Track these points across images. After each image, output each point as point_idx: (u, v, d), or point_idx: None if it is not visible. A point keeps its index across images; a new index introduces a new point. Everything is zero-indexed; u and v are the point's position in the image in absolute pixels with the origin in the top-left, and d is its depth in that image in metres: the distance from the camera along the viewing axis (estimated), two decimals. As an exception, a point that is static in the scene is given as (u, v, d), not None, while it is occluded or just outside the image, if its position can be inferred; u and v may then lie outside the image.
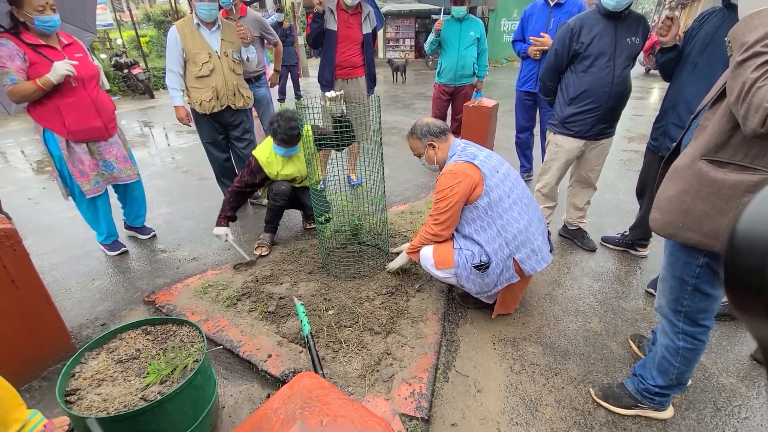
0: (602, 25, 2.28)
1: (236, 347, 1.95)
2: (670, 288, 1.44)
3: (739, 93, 1.04)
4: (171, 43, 2.87)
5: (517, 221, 1.91)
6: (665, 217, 1.33)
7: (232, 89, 3.03)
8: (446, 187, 1.90)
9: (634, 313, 2.30)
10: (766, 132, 1.01)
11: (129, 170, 2.76)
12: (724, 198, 1.18)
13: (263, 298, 2.26)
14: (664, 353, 1.54)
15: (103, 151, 2.60)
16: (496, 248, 1.92)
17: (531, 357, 2.00)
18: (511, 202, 1.92)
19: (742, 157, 1.14)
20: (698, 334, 1.45)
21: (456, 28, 3.87)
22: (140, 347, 1.56)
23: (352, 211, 2.81)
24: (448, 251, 2.02)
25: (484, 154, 1.98)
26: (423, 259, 2.11)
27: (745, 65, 1.03)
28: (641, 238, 2.78)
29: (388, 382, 1.77)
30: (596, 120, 2.44)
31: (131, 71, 9.04)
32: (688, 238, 1.28)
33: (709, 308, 1.41)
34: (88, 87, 2.43)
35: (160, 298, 2.34)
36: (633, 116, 6.79)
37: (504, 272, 1.95)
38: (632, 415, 1.69)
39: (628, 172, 4.35)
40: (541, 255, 1.96)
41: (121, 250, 2.92)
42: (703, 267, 1.32)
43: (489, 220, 1.92)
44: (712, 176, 1.19)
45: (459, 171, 1.89)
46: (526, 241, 1.92)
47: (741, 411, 1.73)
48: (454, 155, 1.98)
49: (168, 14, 12.57)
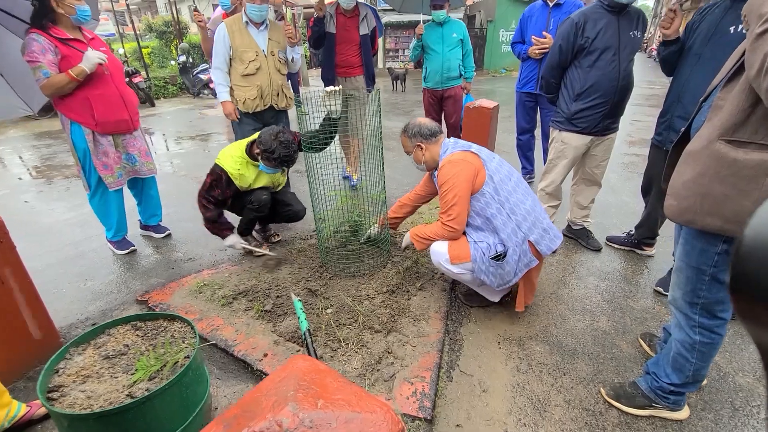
0: (606, 19, 2.26)
1: (231, 346, 1.87)
2: (686, 279, 1.37)
3: (761, 65, 0.99)
4: (219, 40, 2.85)
5: (522, 202, 1.88)
6: (681, 203, 1.27)
7: (276, 89, 3.03)
8: (449, 177, 1.86)
9: (643, 312, 2.23)
10: None
11: (150, 164, 2.77)
12: (745, 179, 1.12)
13: (259, 297, 2.19)
14: (679, 349, 1.46)
15: (128, 144, 2.62)
16: (510, 233, 1.87)
17: (538, 356, 1.92)
18: (514, 184, 1.91)
19: (763, 135, 1.09)
20: (715, 327, 1.37)
21: (438, 32, 3.87)
22: (129, 343, 1.49)
23: (352, 209, 2.76)
24: (464, 246, 1.96)
25: (476, 146, 1.98)
26: (436, 255, 2.02)
27: (765, 36, 0.98)
28: (647, 236, 2.72)
29: (389, 382, 1.69)
30: (603, 115, 2.40)
31: (132, 79, 9.08)
32: (707, 223, 1.22)
33: (726, 299, 1.33)
34: (115, 79, 2.46)
35: (153, 298, 2.27)
36: (633, 121, 6.79)
37: (522, 257, 1.89)
38: (646, 415, 1.61)
39: (631, 174, 4.31)
40: (553, 233, 1.93)
41: (129, 249, 2.87)
42: (722, 254, 1.26)
43: (497, 205, 1.87)
44: (732, 157, 1.14)
45: (458, 159, 1.87)
46: (536, 221, 1.89)
47: (760, 411, 1.64)
48: (447, 150, 1.97)
49: (170, 25, 12.71)
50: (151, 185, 2.91)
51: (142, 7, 27.63)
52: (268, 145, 2.27)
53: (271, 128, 2.34)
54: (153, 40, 13.23)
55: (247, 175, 2.44)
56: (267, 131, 2.32)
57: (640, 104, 8.42)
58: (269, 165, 2.37)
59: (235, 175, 2.39)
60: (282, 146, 2.27)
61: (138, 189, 2.89)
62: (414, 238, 2.09)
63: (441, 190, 1.92)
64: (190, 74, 10.60)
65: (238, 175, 2.41)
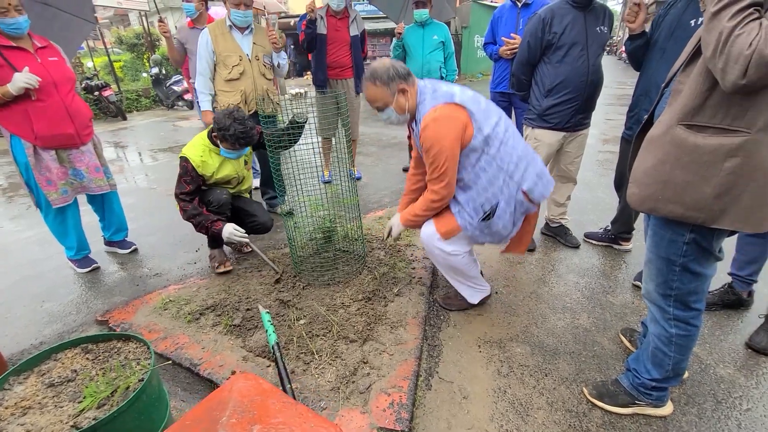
0: (572, 15, 2.26)
1: (196, 365, 1.76)
2: (657, 270, 1.34)
3: (716, 45, 0.97)
4: (202, 45, 2.84)
5: (514, 148, 1.72)
6: (643, 191, 1.24)
7: (261, 94, 2.98)
8: (436, 139, 1.62)
9: (623, 307, 2.20)
10: (747, 84, 0.94)
11: (100, 181, 2.59)
12: (705, 164, 1.10)
13: (228, 311, 2.07)
14: (656, 343, 1.43)
15: (74, 159, 2.45)
16: (501, 185, 1.71)
17: (519, 358, 1.86)
18: (503, 130, 1.71)
19: (721, 119, 1.07)
20: (691, 318, 1.34)
21: (419, 33, 3.86)
22: (77, 368, 1.36)
23: (325, 215, 2.67)
24: (449, 217, 1.82)
25: (458, 88, 1.74)
26: (427, 238, 1.87)
27: (720, 15, 0.96)
28: (623, 231, 2.72)
29: (364, 394, 1.61)
30: (575, 110, 2.39)
31: (102, 93, 8.83)
32: (670, 210, 1.20)
33: (699, 289, 1.31)
34: (61, 91, 2.30)
35: (114, 317, 2.13)
36: (606, 120, 6.92)
37: (518, 208, 1.77)
38: (630, 413, 1.57)
39: (606, 171, 4.35)
40: (546, 177, 1.81)
41: (92, 266, 2.71)
42: (690, 244, 1.23)
43: (487, 157, 1.69)
44: (692, 142, 1.12)
45: (443, 116, 1.63)
46: (528, 166, 1.74)
47: (742, 402, 1.62)
48: (425, 100, 1.71)
49: (141, 37, 12.46)
50: (112, 201, 2.76)
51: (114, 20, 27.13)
52: (222, 123, 2.18)
53: (224, 109, 2.25)
54: (124, 53, 12.92)
55: (209, 162, 2.34)
56: (221, 111, 2.23)
57: (612, 104, 8.61)
58: (228, 146, 2.28)
59: (197, 162, 2.29)
60: (237, 123, 2.18)
61: (98, 205, 2.74)
62: (404, 221, 1.92)
63: (428, 154, 1.67)
64: (163, 86, 10.37)
65: (201, 162, 2.30)
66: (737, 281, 2.10)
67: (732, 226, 1.13)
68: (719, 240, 1.23)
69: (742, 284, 2.10)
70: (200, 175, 2.32)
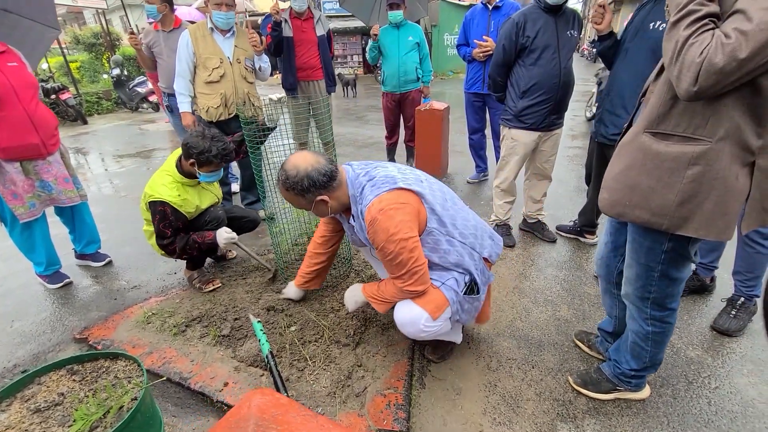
0: (543, 19, 2.35)
1: (186, 379, 1.72)
2: (636, 275, 1.38)
3: (673, 53, 1.02)
4: (182, 47, 2.80)
5: (467, 219, 1.61)
6: (612, 196, 1.28)
7: (242, 97, 2.92)
8: (389, 234, 1.38)
9: (597, 297, 2.32)
10: (699, 91, 0.98)
11: (70, 192, 2.46)
12: (668, 171, 1.14)
13: (215, 321, 2.04)
14: (635, 339, 1.50)
15: (41, 170, 2.31)
16: (468, 260, 1.57)
17: (506, 352, 1.94)
18: (452, 204, 1.60)
19: (684, 128, 1.11)
20: (666, 317, 1.41)
21: (394, 35, 3.90)
22: (64, 391, 1.31)
23: (308, 221, 2.66)
24: (435, 292, 1.56)
25: (393, 169, 1.55)
26: (411, 322, 1.54)
27: (678, 24, 1.01)
28: (587, 225, 2.85)
29: (361, 397, 1.63)
30: (548, 111, 2.49)
31: (59, 96, 8.35)
32: (637, 216, 1.23)
33: (675, 291, 1.36)
34: (23, 99, 2.16)
35: (94, 334, 2.05)
36: (573, 116, 7.19)
37: (481, 277, 1.64)
38: (612, 399, 1.66)
39: (576, 166, 4.54)
40: (496, 238, 1.73)
41: (64, 281, 2.58)
42: (669, 252, 1.27)
43: (447, 237, 1.53)
44: (655, 149, 1.16)
45: (391, 205, 1.40)
46: (482, 233, 1.66)
47: (711, 381, 1.75)
48: (363, 191, 1.48)
49: (99, 37, 11.87)
50: (82, 212, 2.64)
51: (68, 18, 25.65)
52: (201, 147, 2.04)
53: (192, 133, 2.11)
54: (81, 53, 12.27)
55: (189, 198, 2.19)
56: (191, 136, 2.08)
57: (578, 100, 8.95)
58: (210, 169, 2.12)
59: (177, 202, 2.12)
60: (215, 141, 2.07)
61: (67, 217, 2.61)
62: (372, 300, 1.65)
63: (384, 253, 1.43)
64: (125, 88, 9.93)
65: (181, 201, 2.14)
66: (701, 268, 2.26)
67: (696, 233, 1.15)
68: (695, 246, 1.27)
69: (705, 270, 2.26)
70: (179, 217, 2.16)
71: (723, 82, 0.96)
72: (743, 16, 0.92)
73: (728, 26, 0.95)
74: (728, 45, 0.92)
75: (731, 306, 2.05)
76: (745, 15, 0.92)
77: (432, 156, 4.28)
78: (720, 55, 0.92)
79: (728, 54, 0.92)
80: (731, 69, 0.93)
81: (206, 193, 2.33)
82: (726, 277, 2.36)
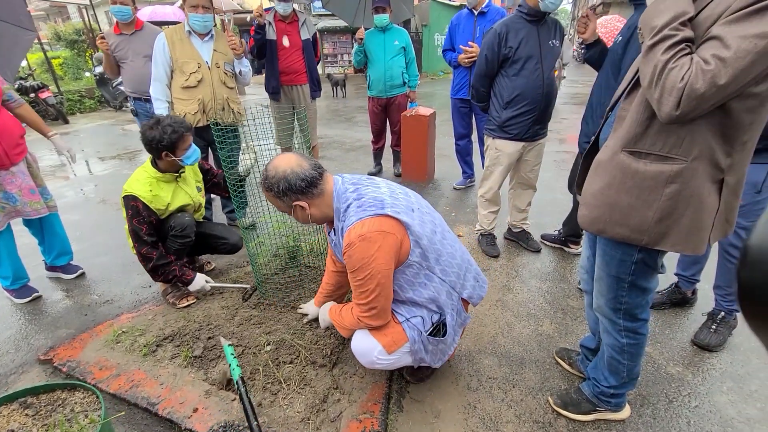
0: (526, 29, 2.31)
1: (154, 404, 1.65)
2: (608, 287, 1.40)
3: (652, 77, 1.03)
4: (158, 50, 2.71)
5: (453, 257, 1.53)
6: (592, 212, 1.30)
7: (221, 103, 2.84)
8: (364, 261, 1.33)
9: (581, 311, 2.30)
10: (680, 115, 1.00)
11: (36, 203, 2.36)
12: (647, 189, 1.17)
13: (188, 341, 1.97)
14: (611, 353, 1.50)
15: (4, 181, 2.22)
16: (445, 299, 1.51)
17: (487, 370, 1.90)
18: (441, 236, 1.51)
19: (660, 147, 1.13)
20: (638, 328, 1.43)
21: (380, 39, 3.85)
22: (15, 427, 1.24)
23: (289, 234, 2.60)
24: (395, 327, 1.51)
25: (385, 191, 1.47)
26: (364, 354, 1.53)
27: (655, 49, 1.03)
28: (571, 235, 2.84)
29: (336, 422, 1.57)
30: (532, 121, 2.46)
31: (39, 95, 8.13)
32: (617, 233, 1.25)
33: (644, 302, 1.39)
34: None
35: (60, 355, 1.96)
36: (561, 119, 7.21)
37: (457, 318, 1.57)
38: (592, 420, 1.64)
39: (563, 172, 4.52)
40: (481, 279, 1.65)
41: (32, 296, 2.49)
42: (638, 263, 1.30)
43: (427, 272, 1.46)
44: (634, 168, 1.18)
45: (373, 233, 1.33)
46: (467, 272, 1.59)
47: (691, 400, 1.73)
48: (348, 208, 1.42)
49: (81, 33, 11.59)
50: (53, 223, 2.54)
51: (51, 13, 25.04)
52: (152, 135, 2.00)
53: (142, 127, 2.07)
54: (63, 49, 11.98)
55: (161, 194, 2.16)
56: (145, 131, 2.04)
57: (566, 102, 9.00)
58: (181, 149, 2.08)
59: (148, 197, 2.09)
60: (163, 125, 2.01)
61: (36, 228, 2.51)
62: (335, 324, 1.63)
63: (355, 276, 1.38)
64: (109, 86, 9.70)
65: (152, 197, 2.11)
66: (682, 281, 2.25)
67: (673, 248, 1.19)
68: (661, 258, 1.32)
69: (686, 283, 2.25)
70: (151, 214, 2.13)
71: (703, 106, 0.98)
72: (720, 43, 0.93)
73: (706, 52, 0.96)
74: (708, 72, 0.93)
75: (711, 320, 2.04)
76: (722, 42, 0.93)
77: (418, 162, 4.24)
78: (701, 81, 0.94)
79: (708, 80, 0.93)
80: (711, 94, 0.95)
81: (180, 193, 2.27)
82: (707, 288, 2.35)
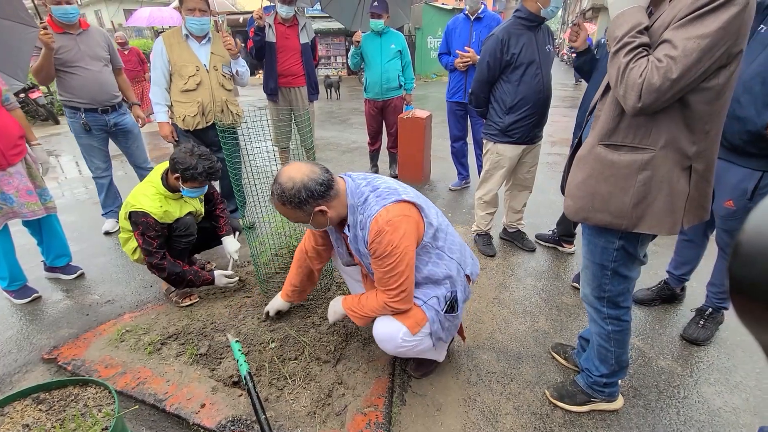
0: (526, 35, 2.38)
1: (161, 401, 1.68)
2: (592, 275, 1.51)
3: (617, 77, 1.18)
4: (156, 55, 2.74)
5: (454, 236, 1.67)
6: (576, 203, 1.41)
7: (220, 105, 2.87)
8: (395, 245, 1.40)
9: (575, 307, 2.38)
10: (643, 107, 1.14)
11: (33, 205, 2.35)
12: (623, 177, 1.29)
13: (193, 339, 1.99)
14: (598, 341, 1.60)
15: (0, 182, 2.21)
16: (455, 275, 1.61)
17: (486, 365, 1.96)
18: (441, 218, 1.64)
19: (632, 139, 1.26)
20: (621, 315, 1.52)
21: (376, 42, 3.91)
22: (30, 422, 1.27)
23: (290, 235, 2.63)
24: (415, 309, 1.58)
25: (391, 182, 1.57)
26: (389, 336, 1.57)
27: (618, 54, 1.18)
28: (565, 234, 2.92)
29: (341, 416, 1.62)
30: (533, 125, 2.54)
31: (29, 95, 8.04)
32: (600, 219, 1.36)
33: (626, 290, 1.49)
34: None
35: (64, 354, 1.98)
36: (552, 122, 7.32)
37: (464, 295, 1.68)
38: (587, 411, 1.70)
39: (555, 174, 4.64)
40: (474, 258, 1.78)
41: (32, 296, 2.48)
42: (620, 250, 1.40)
43: (438, 251, 1.57)
44: (610, 158, 1.30)
45: (396, 219, 1.41)
46: (465, 249, 1.73)
47: (680, 391, 1.81)
48: (367, 200, 1.48)
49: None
50: (52, 224, 2.53)
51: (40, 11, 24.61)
52: (187, 164, 2.03)
53: (181, 147, 2.11)
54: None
55: (171, 210, 2.19)
56: (179, 151, 2.08)
57: (557, 105, 9.15)
58: (194, 185, 2.11)
59: (158, 214, 2.12)
60: (202, 159, 2.07)
61: (34, 228, 2.50)
62: (352, 314, 1.66)
63: (385, 261, 1.43)
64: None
65: (163, 213, 2.14)
66: (672, 278, 2.34)
67: (649, 230, 1.31)
68: (643, 246, 1.42)
69: (675, 281, 2.34)
70: (164, 226, 2.17)
71: (661, 98, 1.12)
72: (670, 45, 1.09)
73: (660, 53, 1.11)
74: (661, 68, 1.09)
75: (700, 316, 2.13)
76: (672, 44, 1.09)
77: (414, 163, 4.30)
78: (656, 76, 1.09)
79: (662, 75, 1.08)
80: (666, 87, 1.09)
81: (188, 207, 2.30)
82: (695, 286, 2.45)
